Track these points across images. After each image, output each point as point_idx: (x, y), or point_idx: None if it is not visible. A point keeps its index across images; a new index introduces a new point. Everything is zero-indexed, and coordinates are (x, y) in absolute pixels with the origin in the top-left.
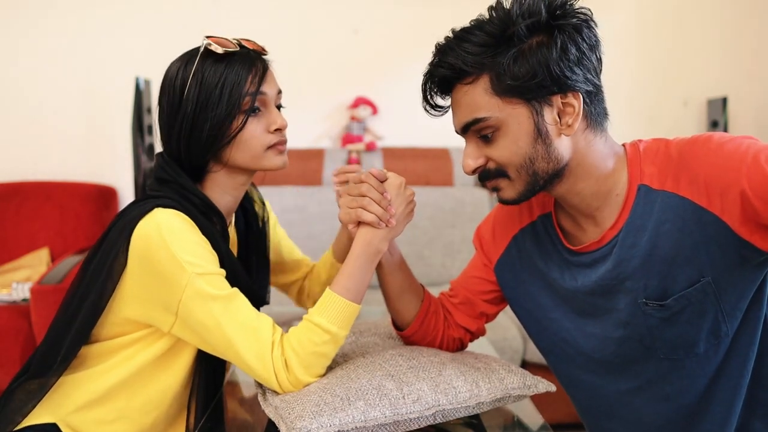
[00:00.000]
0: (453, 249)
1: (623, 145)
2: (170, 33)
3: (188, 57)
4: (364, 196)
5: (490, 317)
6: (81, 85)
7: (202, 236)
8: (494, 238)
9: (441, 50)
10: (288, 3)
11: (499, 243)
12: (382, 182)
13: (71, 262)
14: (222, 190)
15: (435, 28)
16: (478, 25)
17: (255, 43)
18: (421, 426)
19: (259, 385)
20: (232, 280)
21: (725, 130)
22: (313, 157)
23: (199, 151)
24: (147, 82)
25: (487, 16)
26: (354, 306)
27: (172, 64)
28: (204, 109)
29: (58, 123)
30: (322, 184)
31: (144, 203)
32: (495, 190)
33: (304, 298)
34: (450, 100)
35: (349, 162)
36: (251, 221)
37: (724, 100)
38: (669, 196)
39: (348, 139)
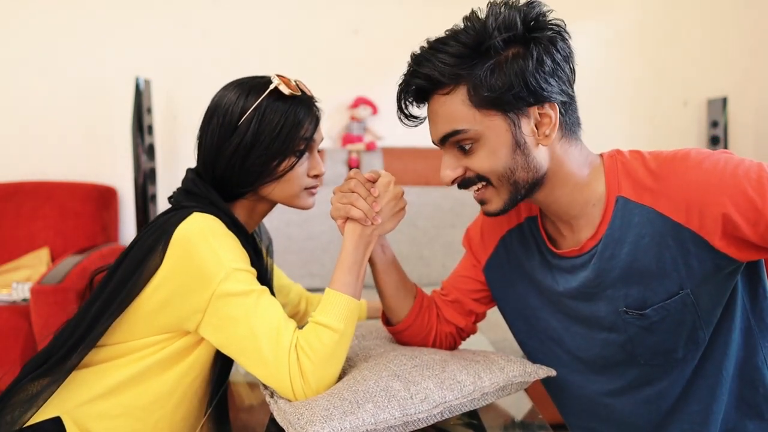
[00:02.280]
0: (453, 249)
1: (601, 155)
2: (170, 33)
3: (250, 87)
4: (352, 192)
5: (479, 316)
6: (81, 84)
7: (235, 237)
8: (483, 240)
9: (416, 61)
10: (288, 3)
11: (487, 244)
12: (373, 182)
13: (71, 262)
14: (247, 215)
15: (435, 28)
16: (453, 35)
17: (307, 87)
18: (429, 424)
19: (266, 386)
20: (261, 283)
21: (725, 130)
22: None
23: (244, 181)
24: (147, 82)
25: (462, 25)
26: (354, 301)
27: (230, 89)
28: (259, 143)
29: (58, 123)
30: (323, 183)
31: (181, 211)
32: (481, 202)
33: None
34: (426, 109)
35: (349, 162)
36: (258, 249)
37: (724, 100)
38: (647, 210)
39: (348, 139)
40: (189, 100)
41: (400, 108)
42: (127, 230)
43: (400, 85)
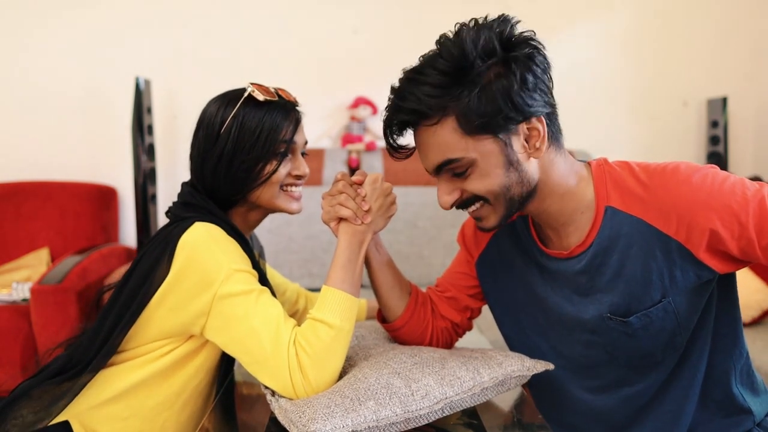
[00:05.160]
0: (453, 249)
1: (588, 163)
2: (170, 33)
3: (229, 98)
4: (340, 193)
5: (474, 312)
6: (81, 85)
7: (236, 243)
8: (476, 236)
9: (399, 95)
10: (288, 3)
11: (480, 240)
12: (360, 183)
13: (71, 262)
14: (242, 223)
15: (435, 28)
16: (430, 63)
17: (289, 93)
18: (431, 420)
19: (267, 386)
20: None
21: (725, 130)
22: (313, 157)
23: (232, 187)
24: (147, 82)
25: (436, 50)
26: (351, 298)
27: (212, 103)
28: (241, 149)
29: (58, 123)
30: (322, 183)
31: (182, 222)
32: (477, 219)
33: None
34: (413, 138)
35: (349, 162)
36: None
37: (724, 100)
38: (637, 221)
39: (348, 139)
40: (189, 100)
41: (387, 142)
42: (127, 230)
43: (384, 120)
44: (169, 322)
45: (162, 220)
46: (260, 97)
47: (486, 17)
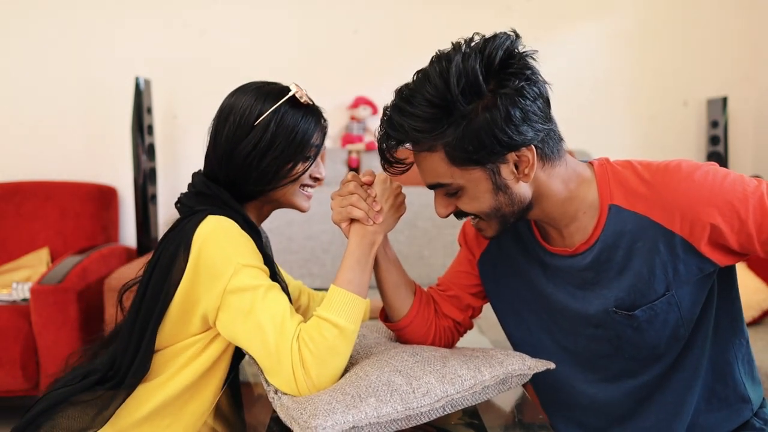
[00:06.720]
0: (453, 249)
1: (590, 163)
2: (170, 33)
3: (267, 92)
4: (352, 193)
5: (475, 310)
6: (81, 85)
7: (249, 238)
8: (477, 235)
9: (389, 123)
10: (288, 3)
11: (481, 239)
12: (370, 184)
13: (71, 262)
14: (255, 216)
15: (435, 28)
16: (419, 87)
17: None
18: (432, 418)
19: (269, 383)
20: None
21: (725, 130)
22: None
23: (259, 180)
24: (147, 82)
25: (429, 69)
26: (358, 299)
27: (246, 92)
28: (276, 145)
29: (58, 123)
30: (323, 184)
31: (195, 215)
32: (478, 228)
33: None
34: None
35: (349, 162)
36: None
37: (724, 100)
38: (641, 218)
39: (348, 139)
40: (189, 100)
41: (382, 158)
42: (127, 230)
43: (377, 139)
44: (193, 316)
45: (162, 220)
46: (302, 99)
47: (482, 38)
